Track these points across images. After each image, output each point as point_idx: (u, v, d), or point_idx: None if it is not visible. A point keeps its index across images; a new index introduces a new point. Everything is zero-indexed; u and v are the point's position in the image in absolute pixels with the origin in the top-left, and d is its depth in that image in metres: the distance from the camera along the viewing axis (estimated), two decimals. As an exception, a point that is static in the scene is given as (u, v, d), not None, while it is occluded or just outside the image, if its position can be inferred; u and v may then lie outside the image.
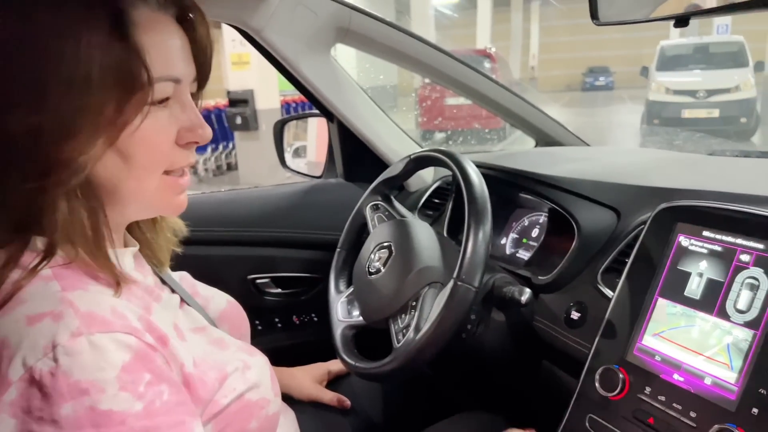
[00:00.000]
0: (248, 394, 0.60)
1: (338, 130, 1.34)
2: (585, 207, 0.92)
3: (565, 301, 0.85)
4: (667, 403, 0.64)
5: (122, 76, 0.49)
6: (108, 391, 0.45)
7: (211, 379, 0.57)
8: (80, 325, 0.46)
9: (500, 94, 1.36)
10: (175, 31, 0.55)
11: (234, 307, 0.80)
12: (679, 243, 0.71)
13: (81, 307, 0.48)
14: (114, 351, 0.47)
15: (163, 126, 0.55)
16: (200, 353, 0.58)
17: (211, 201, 1.32)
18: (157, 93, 0.52)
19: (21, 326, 0.46)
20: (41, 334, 0.45)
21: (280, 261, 1.28)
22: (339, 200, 1.32)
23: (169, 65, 0.53)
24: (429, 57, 1.24)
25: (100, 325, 0.48)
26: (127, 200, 0.56)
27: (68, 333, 0.46)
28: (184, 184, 0.60)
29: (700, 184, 0.85)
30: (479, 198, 0.79)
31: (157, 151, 0.55)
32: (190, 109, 0.57)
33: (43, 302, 0.48)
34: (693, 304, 0.67)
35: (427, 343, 0.76)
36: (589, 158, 1.21)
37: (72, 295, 0.49)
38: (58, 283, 0.50)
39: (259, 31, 1.04)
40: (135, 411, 0.46)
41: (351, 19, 1.10)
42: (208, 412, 0.56)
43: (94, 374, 0.45)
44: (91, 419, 0.44)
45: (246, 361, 0.63)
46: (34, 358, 0.45)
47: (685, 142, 6.81)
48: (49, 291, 0.49)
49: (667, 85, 8.21)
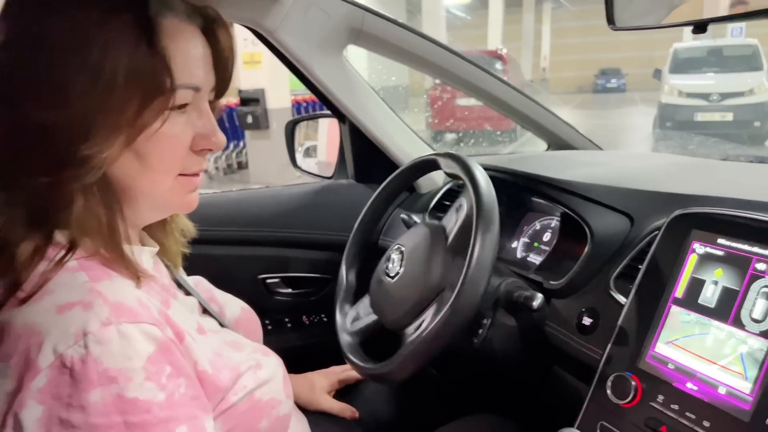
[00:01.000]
0: (258, 393, 0.61)
1: (350, 131, 1.33)
2: (598, 212, 0.91)
3: (576, 307, 0.84)
4: (680, 411, 0.63)
5: (146, 80, 0.51)
6: (135, 380, 0.47)
7: (225, 378, 0.58)
8: (110, 315, 0.48)
9: (512, 96, 1.36)
10: (199, 41, 0.57)
11: (248, 314, 0.81)
12: (693, 250, 0.70)
13: (110, 297, 0.49)
14: (141, 341, 0.48)
15: (180, 131, 0.56)
16: (214, 353, 0.59)
17: (222, 201, 1.32)
18: (177, 99, 0.54)
19: (50, 315, 0.47)
20: (72, 323, 0.47)
21: (290, 261, 1.28)
22: (350, 201, 1.32)
23: (190, 73, 0.55)
24: (441, 58, 1.24)
25: (128, 315, 0.49)
26: (141, 200, 0.57)
27: (98, 322, 0.47)
28: (196, 183, 0.61)
29: (714, 191, 0.84)
30: (486, 203, 0.79)
31: (173, 154, 0.56)
32: (207, 117, 0.58)
33: (72, 292, 0.49)
34: (707, 313, 0.66)
35: (428, 345, 0.76)
36: (602, 163, 1.20)
37: (100, 285, 0.50)
38: (86, 273, 0.51)
39: (272, 31, 1.04)
40: (158, 400, 0.48)
41: (363, 20, 1.10)
42: (217, 409, 0.57)
43: (122, 363, 0.47)
44: (118, 406, 0.46)
45: (259, 361, 0.64)
46: (65, 345, 0.46)
47: (699, 147, 6.74)
48: (78, 281, 0.50)
49: (680, 88, 8.15)
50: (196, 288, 0.73)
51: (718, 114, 7.86)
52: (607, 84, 22.65)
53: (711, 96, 7.86)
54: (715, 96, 7.86)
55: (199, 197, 0.64)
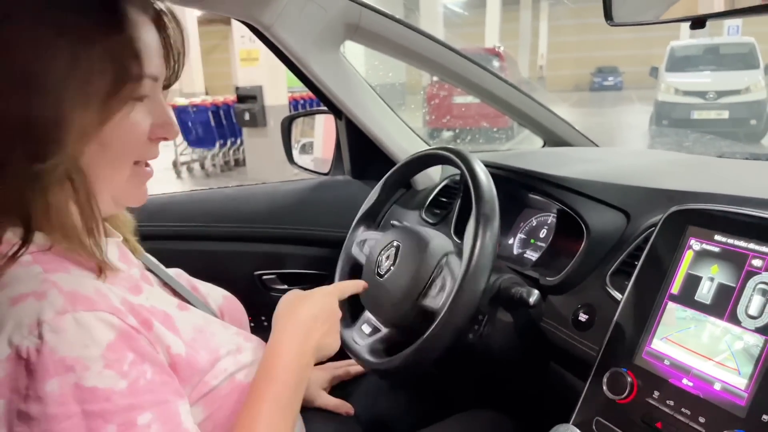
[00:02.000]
0: (239, 376, 0.61)
1: (346, 127, 1.33)
2: (594, 208, 0.91)
3: (573, 303, 0.85)
4: (675, 407, 0.63)
5: (118, 68, 0.52)
6: (93, 369, 0.46)
7: (203, 360, 0.57)
8: (65, 303, 0.47)
9: (509, 93, 1.36)
10: (153, 31, 0.58)
11: (231, 302, 0.81)
12: (690, 246, 0.70)
13: (64, 287, 0.49)
14: (99, 329, 0.48)
15: (140, 120, 0.57)
16: (195, 329, 0.59)
17: (218, 197, 1.32)
18: (136, 90, 0.55)
19: (4, 308, 0.47)
20: (25, 313, 0.46)
21: (286, 257, 1.28)
22: (346, 197, 1.32)
23: (150, 63, 0.56)
24: (439, 55, 1.23)
25: (85, 303, 0.48)
26: (103, 190, 0.57)
27: (53, 311, 0.46)
28: (149, 174, 0.62)
29: (710, 187, 0.84)
30: (487, 198, 0.79)
31: (133, 143, 0.57)
32: (162, 106, 0.60)
33: (25, 284, 0.48)
34: (703, 309, 0.66)
35: (432, 342, 0.75)
36: (598, 159, 1.20)
37: (55, 276, 0.50)
38: (40, 266, 0.51)
39: (269, 27, 1.03)
40: (119, 389, 0.47)
41: (361, 16, 1.10)
42: (197, 392, 0.57)
43: (79, 351, 0.46)
44: (75, 395, 0.45)
45: (240, 345, 0.63)
46: (20, 336, 0.45)
47: (695, 144, 6.76)
48: (31, 273, 0.50)
49: (677, 86, 8.16)
50: (177, 279, 0.73)
51: (714, 112, 7.88)
52: (604, 82, 22.65)
53: (707, 94, 7.87)
54: (712, 94, 7.87)
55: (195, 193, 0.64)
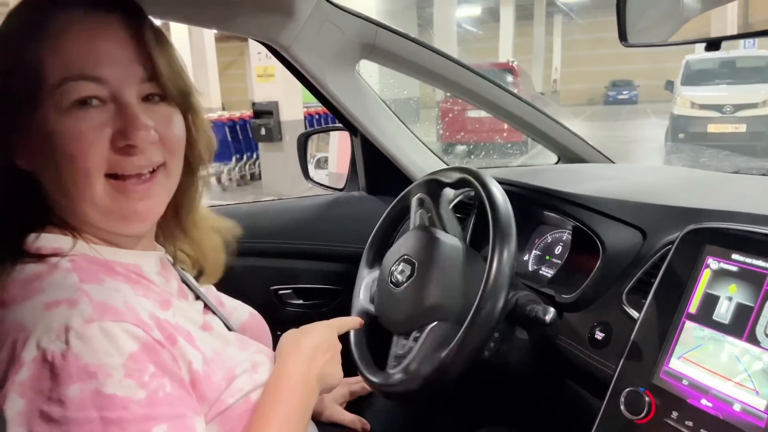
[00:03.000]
0: (254, 395, 0.61)
1: (362, 144, 1.34)
2: (610, 226, 0.91)
3: (589, 321, 0.84)
4: (694, 428, 0.62)
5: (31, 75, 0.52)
6: (114, 376, 0.47)
7: (218, 379, 0.58)
8: (93, 313, 0.49)
9: (523, 109, 1.36)
10: (109, 34, 0.55)
11: (255, 319, 0.82)
12: (707, 265, 0.69)
13: (95, 297, 0.50)
14: (123, 339, 0.49)
15: (92, 126, 0.54)
16: (214, 350, 0.60)
17: (234, 212, 1.33)
18: (74, 93, 0.53)
19: (38, 312, 0.48)
20: (56, 319, 0.48)
21: (302, 272, 1.29)
22: (361, 213, 1.32)
23: (92, 65, 0.53)
24: (452, 72, 1.24)
25: (113, 314, 0.50)
26: (79, 204, 0.56)
27: (81, 319, 0.48)
28: (139, 191, 0.57)
29: (727, 205, 0.83)
30: (504, 219, 0.79)
31: (89, 151, 0.54)
32: (126, 112, 0.55)
33: (60, 291, 0.50)
34: (722, 329, 0.65)
35: (451, 362, 0.75)
36: (613, 176, 1.20)
37: (88, 287, 0.51)
38: (77, 275, 0.52)
39: (287, 47, 1.05)
40: (138, 398, 0.48)
41: (376, 35, 1.12)
42: (214, 410, 0.57)
43: (102, 359, 0.47)
44: (95, 402, 0.46)
45: (256, 363, 0.64)
46: (48, 340, 0.47)
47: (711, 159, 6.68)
48: (68, 282, 0.51)
49: (693, 100, 8.08)
50: (205, 293, 0.74)
51: (731, 126, 7.78)
52: (619, 96, 22.54)
53: (724, 107, 7.79)
54: (729, 107, 7.78)
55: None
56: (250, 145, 7.95)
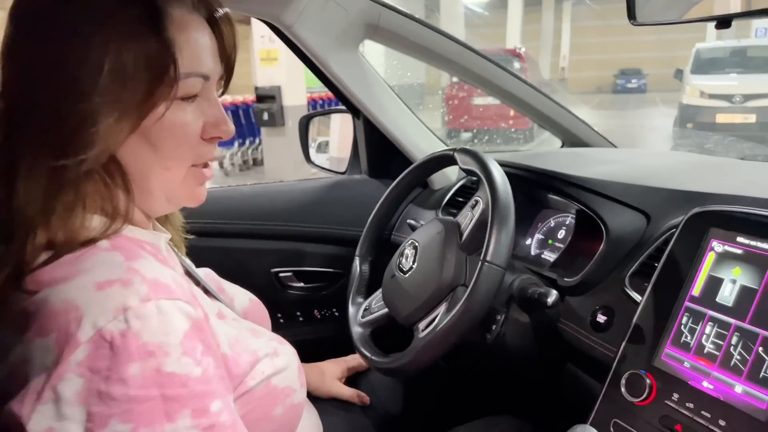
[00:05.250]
0: (275, 380, 0.62)
1: (364, 126, 1.34)
2: (614, 209, 0.91)
3: (591, 304, 0.84)
4: (695, 410, 0.63)
5: (153, 70, 0.52)
6: (172, 355, 0.48)
7: (244, 362, 0.59)
8: (149, 291, 0.49)
9: (529, 94, 1.36)
10: (206, 30, 0.58)
11: (256, 305, 0.83)
12: (711, 248, 0.70)
13: (147, 275, 0.51)
14: (178, 317, 0.50)
15: (191, 120, 0.58)
16: (234, 337, 0.61)
17: (236, 194, 1.34)
18: (187, 88, 0.55)
19: (90, 292, 0.48)
20: (111, 299, 0.48)
21: (303, 255, 1.30)
22: (363, 196, 1.33)
23: (199, 62, 0.56)
24: (458, 55, 1.24)
25: (166, 291, 0.51)
26: (155, 189, 0.59)
27: (138, 298, 0.48)
28: (207, 175, 0.63)
29: (732, 189, 0.83)
30: (502, 200, 0.79)
31: (184, 142, 0.58)
32: (216, 106, 0.60)
33: (110, 270, 0.50)
34: (725, 311, 0.66)
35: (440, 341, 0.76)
36: (617, 160, 1.20)
37: (136, 264, 0.52)
38: (120, 253, 0.53)
39: (290, 26, 1.05)
40: (195, 375, 0.49)
41: (380, 15, 1.11)
42: (237, 392, 0.58)
43: (160, 338, 0.48)
44: (156, 380, 0.47)
45: (276, 349, 0.65)
46: (105, 320, 0.47)
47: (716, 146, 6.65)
48: (115, 260, 0.52)
49: (702, 89, 8.00)
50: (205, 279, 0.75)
51: (740, 116, 7.72)
52: (628, 84, 22.36)
53: (734, 97, 7.71)
54: (738, 97, 7.71)
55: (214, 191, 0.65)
56: (253, 130, 7.93)
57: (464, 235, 0.86)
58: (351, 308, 1.01)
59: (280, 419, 0.64)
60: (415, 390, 1.08)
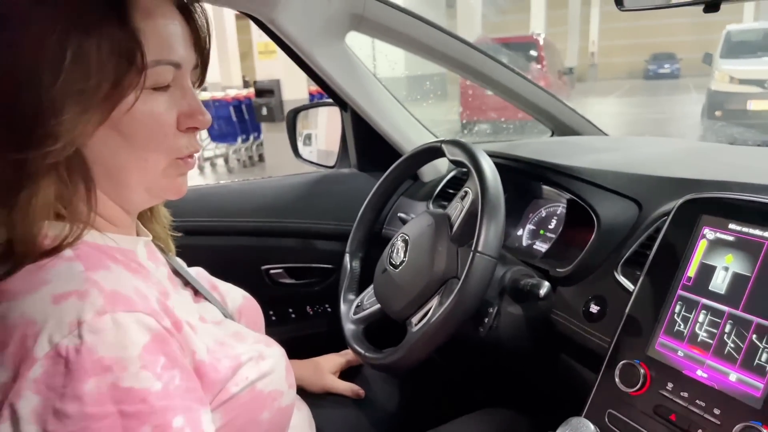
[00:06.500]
0: (260, 384, 0.63)
1: (352, 119, 1.36)
2: (605, 198, 0.93)
3: (584, 294, 0.86)
4: (689, 399, 0.64)
5: (117, 57, 0.53)
6: (130, 369, 0.48)
7: (224, 367, 0.60)
8: (105, 304, 0.49)
9: (515, 82, 1.37)
10: (177, 17, 0.59)
11: (249, 302, 0.84)
12: (703, 235, 0.71)
13: (106, 286, 0.51)
14: (136, 331, 0.50)
15: (163, 110, 0.58)
16: (216, 341, 0.62)
17: (224, 191, 1.36)
18: (156, 77, 0.56)
19: (47, 305, 0.49)
20: (67, 312, 0.48)
21: (293, 251, 1.32)
22: (352, 190, 1.35)
23: (169, 49, 0.57)
24: (444, 45, 1.25)
25: (124, 304, 0.51)
26: (133, 181, 0.59)
27: (93, 311, 0.49)
28: (189, 165, 0.63)
29: (724, 175, 0.84)
30: (492, 191, 0.81)
31: (159, 133, 0.58)
32: (190, 95, 0.60)
33: (67, 282, 0.50)
34: (718, 299, 0.67)
35: (433, 335, 0.79)
36: (608, 148, 1.21)
37: (96, 275, 0.52)
38: (81, 263, 0.53)
39: (272, 19, 1.06)
40: (155, 390, 0.50)
41: (365, 5, 1.12)
42: (217, 400, 0.59)
43: (117, 352, 0.48)
44: (112, 396, 0.47)
45: (261, 352, 0.66)
46: (60, 335, 0.47)
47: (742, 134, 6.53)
48: (73, 271, 0.52)
49: (732, 74, 7.75)
50: (196, 278, 0.76)
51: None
52: (660, 69, 22.06)
53: (766, 82, 7.55)
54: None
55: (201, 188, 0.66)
56: (256, 125, 7.81)
57: (455, 227, 0.88)
58: (342, 306, 1.04)
59: (268, 423, 0.65)
60: (410, 384, 1.10)
